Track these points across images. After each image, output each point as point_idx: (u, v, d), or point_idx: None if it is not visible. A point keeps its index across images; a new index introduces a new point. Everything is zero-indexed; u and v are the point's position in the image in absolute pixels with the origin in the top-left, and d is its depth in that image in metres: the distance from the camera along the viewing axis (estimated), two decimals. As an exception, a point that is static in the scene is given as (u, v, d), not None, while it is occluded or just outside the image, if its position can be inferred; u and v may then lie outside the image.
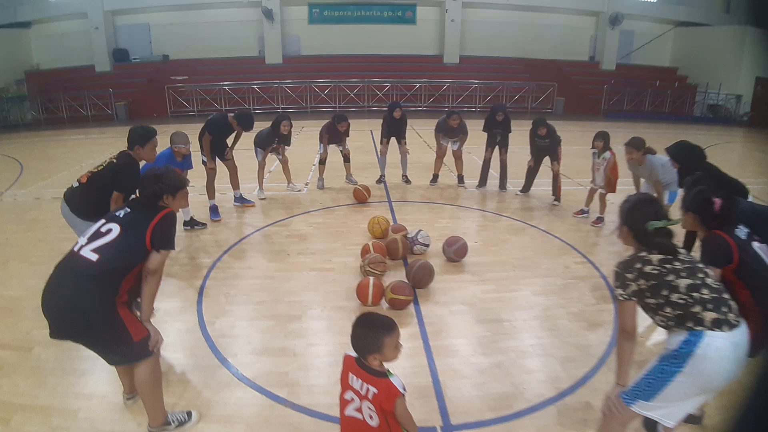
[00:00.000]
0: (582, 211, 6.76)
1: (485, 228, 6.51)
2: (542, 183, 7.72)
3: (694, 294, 2.06)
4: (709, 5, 22.22)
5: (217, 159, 6.64)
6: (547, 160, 7.40)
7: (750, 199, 4.05)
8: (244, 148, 7.27)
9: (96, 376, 3.37)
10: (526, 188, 7.83)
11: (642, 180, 5.75)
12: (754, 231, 3.05)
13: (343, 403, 2.14)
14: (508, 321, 4.07)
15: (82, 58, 20.32)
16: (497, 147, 7.87)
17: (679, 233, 2.58)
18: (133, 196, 3.97)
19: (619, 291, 2.20)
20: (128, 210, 2.67)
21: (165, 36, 21.05)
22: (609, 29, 21.84)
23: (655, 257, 2.15)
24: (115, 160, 4.01)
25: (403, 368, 3.38)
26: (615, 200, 6.46)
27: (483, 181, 8.19)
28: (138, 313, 2.68)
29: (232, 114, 6.58)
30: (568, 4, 21.74)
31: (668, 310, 2.10)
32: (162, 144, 4.59)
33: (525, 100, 19.87)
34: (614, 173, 6.23)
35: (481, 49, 21.84)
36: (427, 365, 3.47)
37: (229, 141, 6.81)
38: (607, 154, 6.23)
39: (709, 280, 2.12)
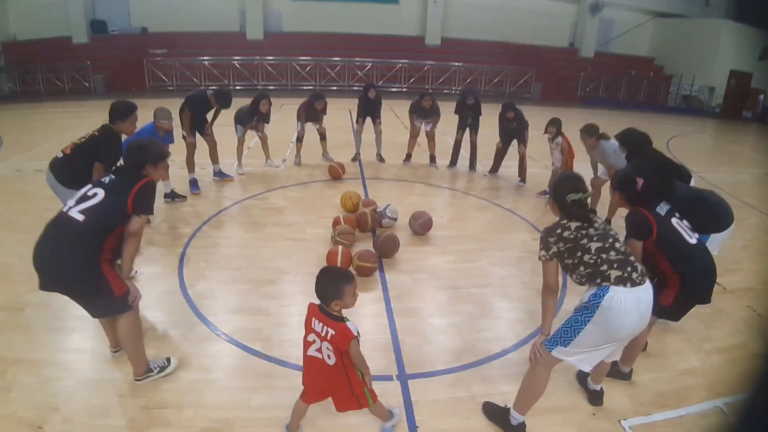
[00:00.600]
0: (545, 192, 7.17)
1: (452, 205, 6.90)
2: (510, 164, 8.09)
3: (603, 255, 2.45)
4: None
5: (197, 134, 6.86)
6: (515, 142, 7.78)
7: (692, 183, 4.43)
8: (224, 123, 7.49)
9: (84, 333, 3.66)
10: (495, 169, 8.21)
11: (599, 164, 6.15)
12: (691, 210, 3.43)
13: (306, 344, 2.49)
14: (464, 288, 4.48)
15: (60, 29, 19.86)
16: (468, 129, 8.21)
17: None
18: (115, 166, 4.25)
19: (543, 253, 2.57)
20: (113, 177, 2.94)
21: (144, 8, 20.69)
22: (589, 17, 22.18)
23: (573, 224, 2.53)
24: (96, 133, 4.26)
25: (367, 326, 3.75)
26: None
27: (454, 161, 8.55)
28: (119, 272, 2.98)
29: (211, 91, 6.79)
30: (551, -11, 22.02)
31: (581, 268, 2.49)
32: (143, 119, 4.81)
33: (503, 83, 20.21)
34: (570, 155, 6.63)
35: (463, 31, 22.01)
36: (388, 324, 3.85)
37: (209, 117, 7.01)
38: (559, 138, 6.63)
39: (617, 245, 2.50)
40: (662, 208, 3.02)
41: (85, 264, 2.74)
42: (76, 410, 2.90)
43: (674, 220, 3.00)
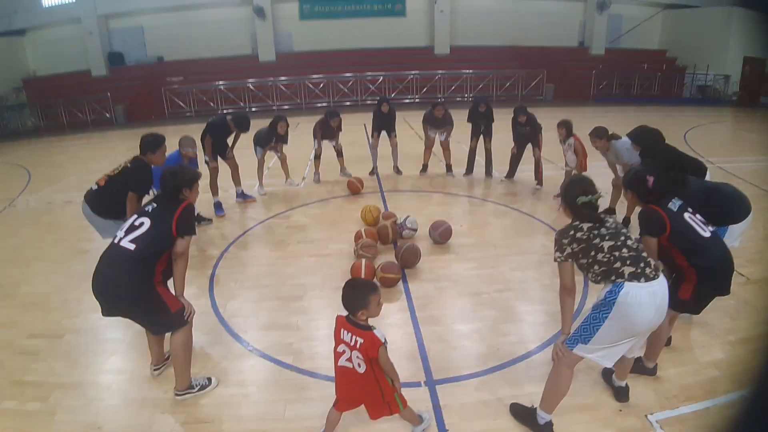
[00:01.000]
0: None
1: (470, 212, 7.00)
2: (526, 168, 8.15)
3: (615, 253, 2.53)
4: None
5: (218, 158, 7.09)
6: (530, 146, 7.83)
7: (708, 176, 4.46)
8: (243, 146, 7.72)
9: (124, 355, 3.87)
10: (511, 174, 8.27)
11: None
12: (705, 203, 3.50)
13: (337, 355, 2.61)
14: (486, 293, 4.56)
15: (78, 63, 20.60)
16: (482, 136, 8.30)
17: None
18: (148, 194, 4.47)
19: (557, 254, 2.66)
20: (155, 205, 3.16)
21: (158, 38, 21.31)
22: (597, 14, 22.06)
23: (585, 225, 2.62)
24: (129, 165, 4.47)
25: (393, 335, 3.85)
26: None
27: (470, 169, 8.63)
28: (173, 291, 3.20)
29: (230, 116, 7.02)
30: (556, -10, 22.05)
31: (596, 267, 2.57)
32: (167, 146, 5.02)
33: (515, 87, 20.24)
34: (583, 155, 6.68)
35: (471, 38, 22.09)
36: (414, 333, 3.96)
37: (230, 141, 7.24)
38: (571, 139, 6.68)
39: (629, 242, 2.58)
40: (674, 204, 3.07)
41: (141, 288, 2.97)
42: (119, 428, 3.07)
43: (687, 215, 3.06)
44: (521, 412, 3.00)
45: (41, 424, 3.12)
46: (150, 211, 3.12)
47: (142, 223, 3.03)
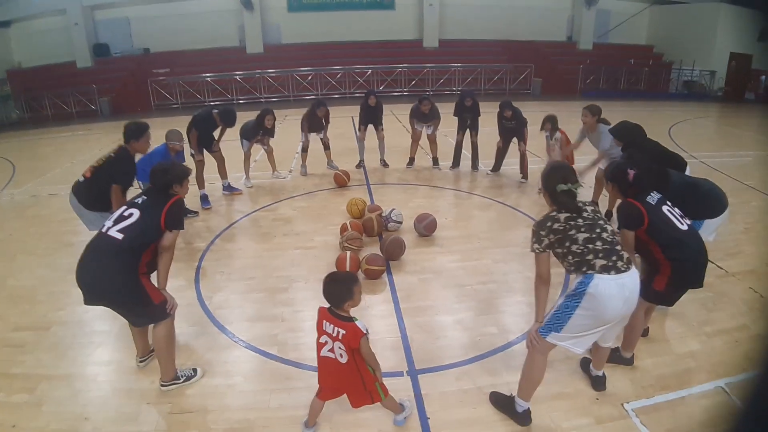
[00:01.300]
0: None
1: (455, 205, 7.07)
2: (512, 162, 8.24)
3: (589, 245, 2.60)
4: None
5: (204, 151, 7.09)
6: (515, 140, 7.92)
7: (688, 171, 4.57)
8: (230, 138, 7.71)
9: (110, 347, 3.89)
10: (496, 168, 8.36)
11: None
12: (683, 197, 3.60)
13: (319, 346, 2.67)
14: (469, 285, 4.64)
15: (63, 55, 20.33)
16: (468, 130, 8.37)
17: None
18: (132, 186, 4.49)
19: (536, 245, 2.73)
20: (145, 198, 3.18)
21: (145, 29, 21.09)
22: (585, 9, 22.20)
23: (563, 215, 2.68)
24: (113, 155, 4.47)
25: (377, 326, 3.95)
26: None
27: (456, 162, 8.70)
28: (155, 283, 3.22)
29: (216, 110, 7.02)
30: (545, -15, 22.12)
31: (570, 258, 2.65)
32: (153, 138, 5.01)
33: (503, 81, 20.32)
34: (567, 144, 6.78)
35: (460, 32, 22.14)
36: (397, 324, 4.03)
37: (216, 134, 7.23)
38: (558, 134, 6.77)
39: (604, 235, 2.64)
40: (653, 198, 3.15)
41: (126, 277, 2.99)
42: (106, 419, 3.11)
43: (665, 208, 3.14)
44: (501, 401, 3.08)
45: (28, 415, 3.15)
46: (140, 203, 3.14)
47: (131, 214, 3.06)
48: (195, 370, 3.43)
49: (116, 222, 3.04)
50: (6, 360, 3.74)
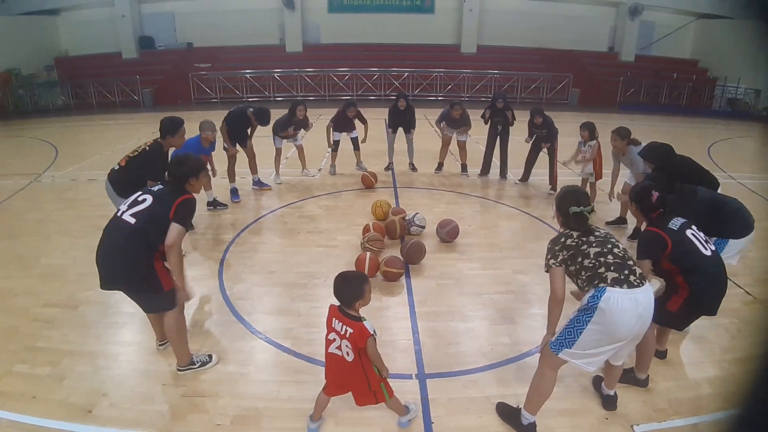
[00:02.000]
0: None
1: (480, 213, 7.04)
2: (542, 173, 8.15)
3: (601, 259, 2.60)
4: (732, -3, 22.04)
5: (237, 145, 7.27)
6: (545, 150, 7.84)
7: (719, 190, 4.45)
8: (262, 135, 7.87)
9: (133, 328, 4.05)
10: (525, 177, 8.29)
11: (626, 172, 6.16)
12: (709, 213, 3.58)
13: (327, 342, 2.73)
14: (487, 294, 4.63)
15: (109, 45, 21.07)
16: (499, 137, 8.32)
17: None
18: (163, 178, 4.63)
19: (551, 261, 2.75)
20: (161, 186, 3.28)
21: (189, 24, 21.70)
22: (629, 20, 21.80)
23: (576, 233, 2.70)
24: (147, 148, 4.64)
25: (391, 328, 3.99)
26: (605, 188, 6.93)
27: (485, 169, 8.66)
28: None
29: (251, 109, 7.19)
30: (588, -6, 21.80)
31: (582, 273, 2.64)
32: (189, 131, 5.17)
33: (540, 90, 20.09)
34: (598, 160, 6.69)
35: (499, 38, 22.00)
36: (411, 327, 4.06)
37: (249, 131, 7.39)
38: (593, 142, 6.68)
39: (616, 250, 2.65)
40: (675, 224, 3.10)
41: (139, 260, 3.08)
42: (122, 396, 3.24)
43: (689, 232, 3.08)
44: (506, 412, 3.08)
45: (50, 387, 3.30)
46: (155, 190, 3.23)
47: (144, 200, 3.14)
48: (210, 357, 3.54)
49: (130, 206, 3.13)
50: (33, 334, 3.93)
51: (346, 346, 2.63)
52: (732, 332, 4.13)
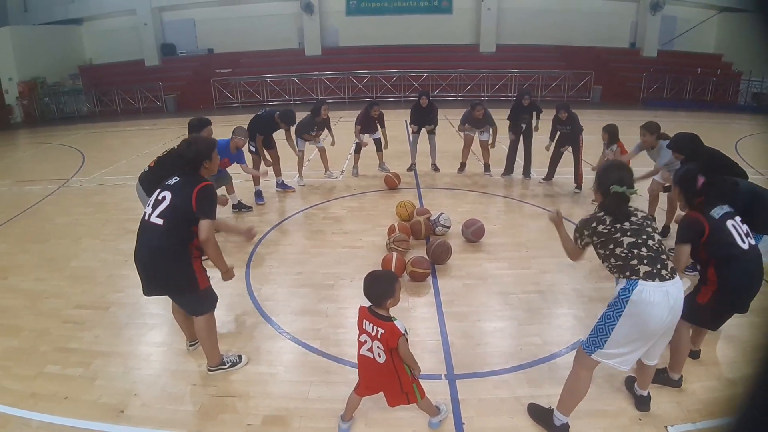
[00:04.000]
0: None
1: (505, 213, 6.98)
2: (566, 171, 8.06)
3: (634, 250, 2.53)
4: (756, -10, 21.48)
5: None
6: (570, 149, 7.73)
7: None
8: (282, 138, 7.92)
9: (162, 329, 4.10)
10: (549, 176, 8.18)
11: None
12: (751, 208, 3.47)
13: (359, 344, 2.71)
14: (514, 294, 4.57)
15: (132, 53, 21.55)
16: (522, 136, 8.23)
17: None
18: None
19: (578, 241, 2.77)
20: (177, 179, 3.19)
21: (209, 30, 22.07)
22: (650, 15, 21.46)
23: (609, 218, 2.62)
24: (177, 147, 4.70)
25: (419, 328, 3.97)
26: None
27: (509, 169, 8.58)
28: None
29: (277, 112, 7.27)
30: (608, -10, 21.51)
31: (612, 260, 2.59)
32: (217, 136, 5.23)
33: (561, 88, 19.87)
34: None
35: (518, 37, 21.85)
36: (439, 327, 4.03)
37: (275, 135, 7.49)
38: (615, 146, 6.56)
39: (650, 242, 2.56)
40: (718, 212, 3.01)
41: (179, 260, 3.09)
42: (154, 397, 3.28)
43: (730, 222, 2.99)
44: (538, 413, 3.03)
45: (81, 387, 3.36)
46: (172, 184, 3.16)
47: (164, 197, 3.08)
48: (240, 357, 3.56)
49: (154, 207, 3.09)
50: (65, 335, 4.01)
51: (378, 347, 2.61)
52: (765, 331, 4.02)
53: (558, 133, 7.74)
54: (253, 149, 7.25)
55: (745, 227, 3.05)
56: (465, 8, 21.87)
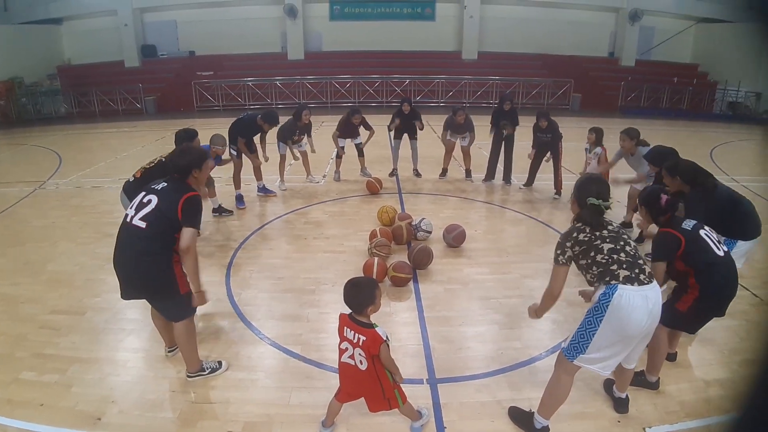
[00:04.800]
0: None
1: (486, 218, 7.05)
2: (546, 177, 8.15)
3: (614, 256, 2.58)
4: (732, 1, 22.08)
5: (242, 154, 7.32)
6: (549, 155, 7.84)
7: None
8: (267, 141, 7.88)
9: (140, 335, 4.03)
10: (529, 182, 8.28)
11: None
12: (726, 213, 3.59)
13: (340, 352, 2.70)
14: (495, 298, 4.61)
15: (112, 54, 21.22)
16: (503, 143, 8.32)
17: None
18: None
19: (560, 257, 2.73)
20: (165, 184, 3.15)
21: (191, 32, 21.85)
22: (629, 25, 21.89)
23: (588, 227, 2.67)
24: (164, 159, 4.66)
25: (400, 333, 3.98)
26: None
27: (490, 175, 8.65)
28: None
29: (259, 115, 7.23)
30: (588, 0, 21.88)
31: (594, 268, 2.63)
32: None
33: (541, 96, 20.13)
34: (605, 165, 6.67)
35: (500, 45, 22.09)
36: (420, 332, 4.04)
37: (257, 139, 7.45)
38: (599, 149, 6.67)
39: (628, 248, 2.62)
40: (687, 224, 3.10)
41: (159, 264, 3.05)
42: (131, 403, 3.22)
43: (702, 232, 3.08)
44: (519, 416, 3.05)
45: (58, 394, 3.28)
46: (159, 188, 3.12)
47: (149, 201, 3.05)
48: (220, 363, 3.52)
49: (137, 209, 3.05)
50: (41, 341, 3.92)
51: (360, 354, 2.60)
52: (740, 334, 4.12)
53: (538, 140, 7.84)
54: (235, 153, 7.19)
55: (715, 235, 3.13)
56: (448, 16, 22.06)
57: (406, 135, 8.63)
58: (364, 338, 2.58)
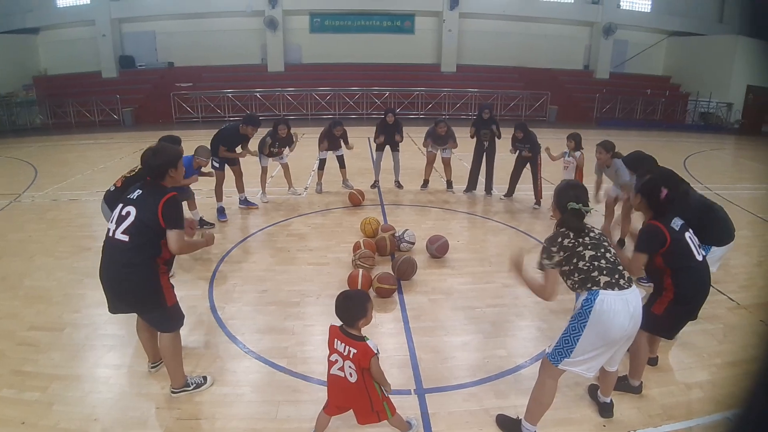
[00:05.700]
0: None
1: (468, 229, 7.11)
2: (526, 188, 8.27)
3: (595, 263, 2.65)
4: (703, 15, 22.85)
5: (226, 166, 7.31)
6: (529, 166, 7.97)
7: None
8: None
9: (123, 351, 3.95)
10: (510, 192, 8.39)
11: (608, 185, 6.29)
12: (699, 219, 3.65)
13: (330, 364, 2.70)
14: (479, 308, 4.66)
15: (89, 64, 20.93)
16: (484, 154, 8.43)
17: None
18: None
19: (546, 262, 2.77)
20: (140, 191, 3.08)
21: (170, 43, 21.69)
22: (603, 39, 22.46)
23: (572, 232, 2.73)
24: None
25: (386, 344, 3.97)
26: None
27: (471, 185, 8.75)
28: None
29: (241, 122, 7.18)
30: (563, 14, 22.43)
31: (575, 275, 2.69)
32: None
33: (519, 108, 20.46)
34: (579, 173, 6.82)
35: (478, 58, 22.47)
36: (406, 342, 4.05)
37: (238, 150, 7.38)
38: (578, 153, 6.81)
39: (608, 255, 2.70)
40: (676, 223, 3.16)
41: (146, 276, 3.01)
42: (115, 421, 3.16)
43: (687, 235, 3.16)
44: (507, 423, 3.08)
45: (39, 412, 3.20)
46: (135, 198, 3.05)
47: (128, 213, 2.99)
48: (205, 378, 3.47)
49: (118, 223, 3.00)
50: (20, 358, 3.82)
51: (350, 366, 2.60)
52: (718, 337, 4.24)
53: (517, 151, 7.96)
54: (218, 165, 7.14)
55: (696, 240, 3.22)
56: (427, 29, 22.35)
57: (388, 147, 8.68)
58: (355, 351, 2.58)
